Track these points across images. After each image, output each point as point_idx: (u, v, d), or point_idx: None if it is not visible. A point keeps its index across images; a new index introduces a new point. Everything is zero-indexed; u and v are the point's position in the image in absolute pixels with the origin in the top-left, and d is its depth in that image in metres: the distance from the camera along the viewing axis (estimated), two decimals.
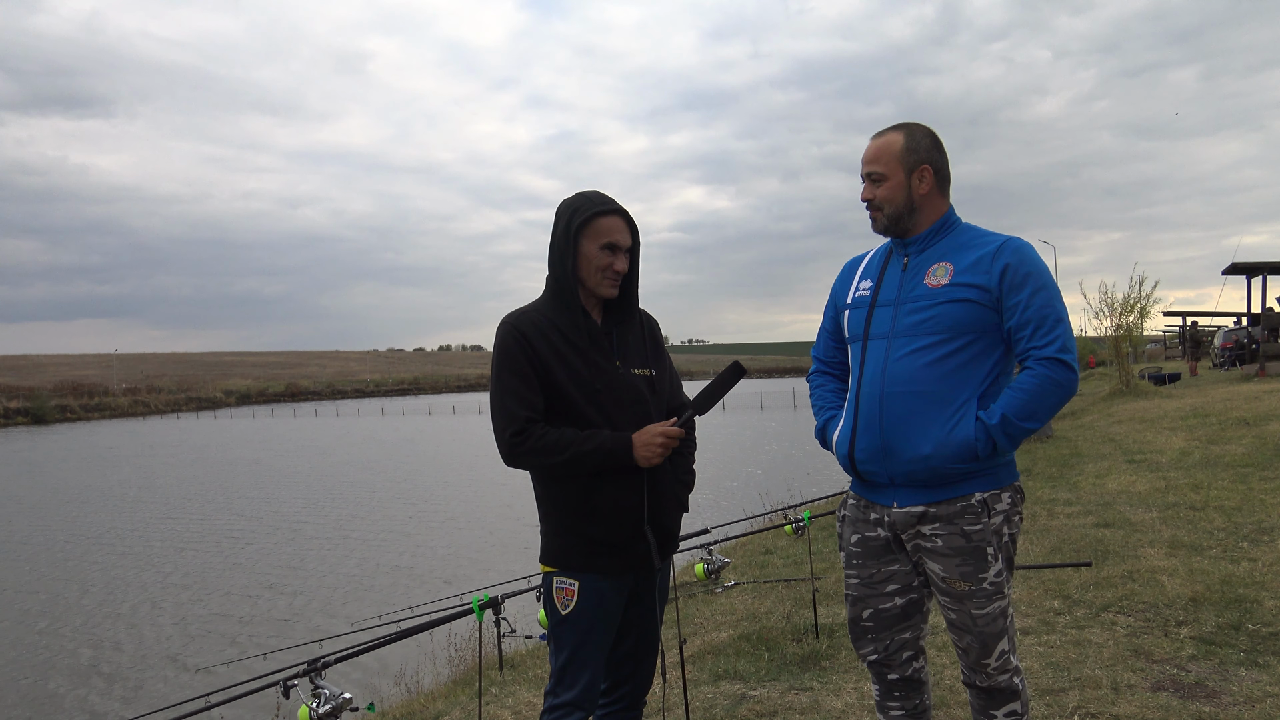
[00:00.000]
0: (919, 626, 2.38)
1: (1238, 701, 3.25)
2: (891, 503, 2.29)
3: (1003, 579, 2.22)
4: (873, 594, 2.36)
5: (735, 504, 16.21)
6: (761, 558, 7.34)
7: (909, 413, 2.22)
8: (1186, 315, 33.67)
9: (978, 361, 2.23)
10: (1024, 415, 2.15)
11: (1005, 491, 2.24)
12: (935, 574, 2.26)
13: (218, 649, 9.98)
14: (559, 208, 2.45)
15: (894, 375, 2.25)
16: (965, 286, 2.22)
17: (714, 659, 4.34)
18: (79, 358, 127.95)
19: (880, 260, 2.43)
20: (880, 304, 2.34)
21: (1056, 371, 2.14)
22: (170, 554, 15.58)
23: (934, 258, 2.30)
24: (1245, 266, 22.04)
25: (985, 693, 2.30)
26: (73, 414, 68.16)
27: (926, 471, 2.21)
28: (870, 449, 2.28)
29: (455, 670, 6.69)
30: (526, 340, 2.34)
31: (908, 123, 2.35)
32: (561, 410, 2.35)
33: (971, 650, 2.26)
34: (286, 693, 3.75)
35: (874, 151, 2.34)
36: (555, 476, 2.36)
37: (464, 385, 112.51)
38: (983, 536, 2.20)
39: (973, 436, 2.17)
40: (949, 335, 2.22)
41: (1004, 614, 2.24)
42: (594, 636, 2.34)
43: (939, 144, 2.34)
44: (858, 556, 2.38)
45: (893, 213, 2.32)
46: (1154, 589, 4.62)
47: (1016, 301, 2.18)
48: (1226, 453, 9.13)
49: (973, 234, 2.31)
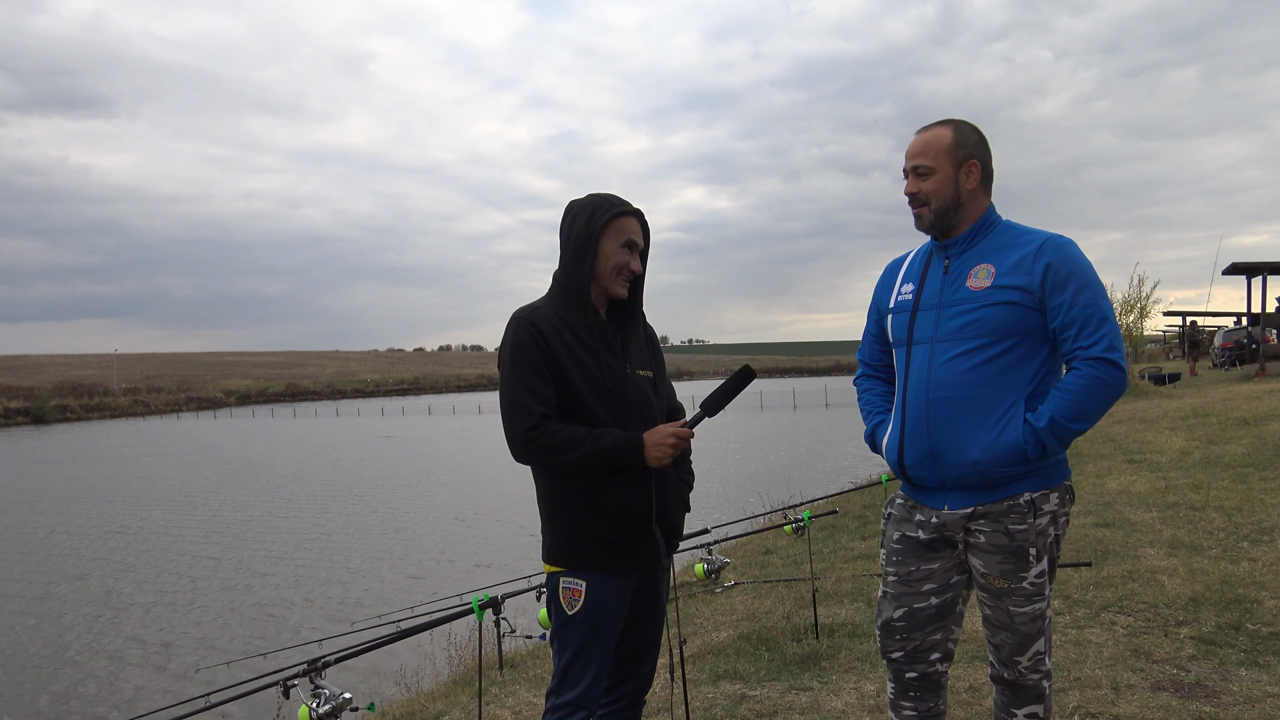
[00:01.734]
0: (951, 629, 2.37)
1: (1238, 701, 3.25)
2: (942, 506, 2.28)
3: (1044, 580, 2.21)
4: (909, 592, 2.35)
5: (735, 504, 16.20)
6: (761, 558, 7.34)
7: (956, 418, 2.21)
8: (1186, 315, 33.68)
9: (1023, 363, 2.21)
10: (1073, 416, 2.13)
11: (1054, 492, 2.23)
12: (976, 569, 2.26)
13: (218, 649, 9.98)
14: (573, 207, 2.44)
15: (939, 381, 2.24)
16: (1008, 289, 2.19)
17: (714, 659, 4.34)
18: (79, 358, 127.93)
19: (921, 262, 2.40)
20: (923, 308, 2.32)
21: (1104, 371, 2.12)
22: (170, 554, 15.57)
23: (975, 259, 2.27)
24: (1245, 266, 22.03)
25: (1011, 688, 2.29)
26: (73, 414, 68.11)
27: (975, 476, 2.20)
28: (919, 455, 2.28)
29: (455, 670, 6.69)
30: (541, 336, 2.32)
31: (954, 118, 2.33)
32: (571, 408, 2.34)
33: (1005, 646, 2.26)
34: (286, 693, 3.74)
35: (921, 145, 2.30)
36: (562, 475, 2.35)
37: (464, 385, 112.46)
38: (1026, 536, 2.19)
39: (1021, 440, 2.15)
40: (993, 338, 2.20)
41: (1042, 615, 2.23)
42: (599, 636, 2.34)
43: (985, 141, 2.32)
44: (898, 554, 2.37)
45: (939, 207, 2.28)
46: (1154, 589, 4.62)
47: (1060, 301, 2.16)
48: (1226, 453, 9.13)
49: (1014, 232, 2.28)
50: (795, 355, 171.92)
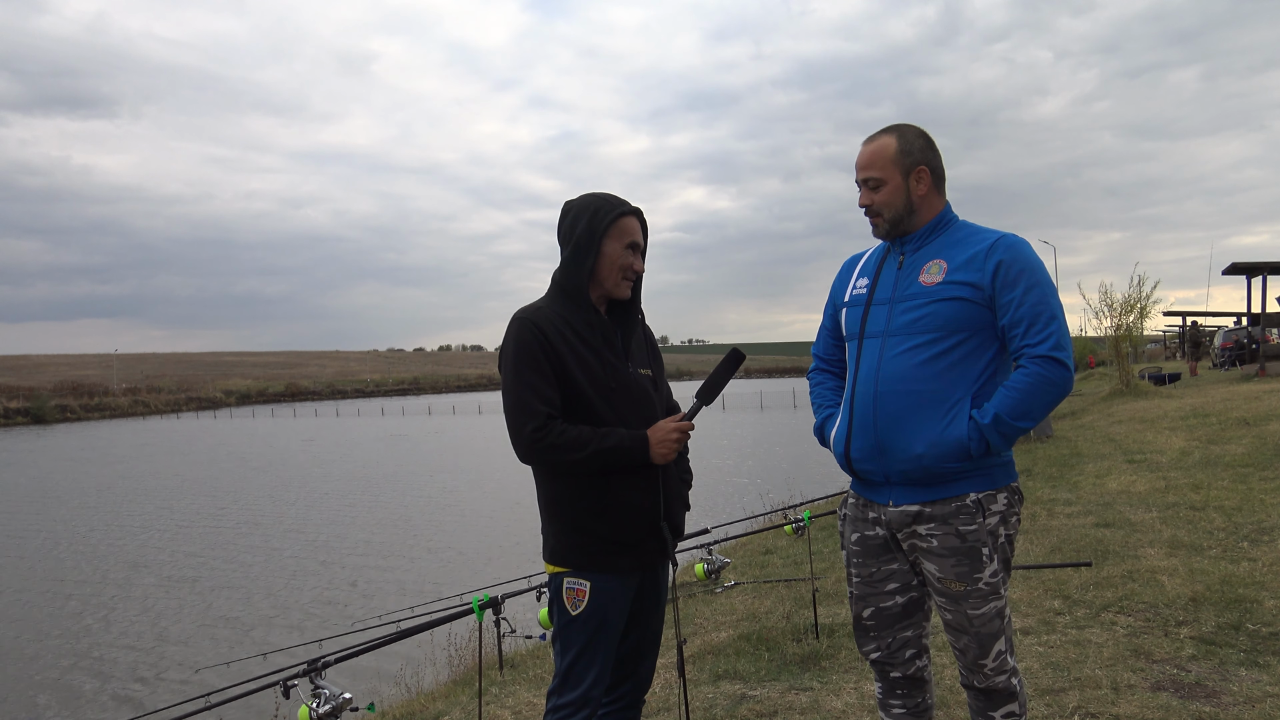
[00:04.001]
0: (921, 625, 2.38)
1: (1238, 701, 3.25)
2: (888, 501, 2.29)
3: (999, 580, 2.22)
4: (873, 592, 2.36)
5: (735, 504, 16.20)
6: (761, 558, 7.34)
7: (902, 412, 2.22)
8: (1186, 315, 33.67)
9: (971, 360, 2.22)
10: (1017, 414, 2.14)
11: (1001, 492, 2.24)
12: (931, 574, 2.26)
13: (218, 649, 9.98)
14: (571, 207, 2.43)
15: (888, 374, 2.25)
16: (958, 284, 2.21)
17: (714, 659, 4.34)
18: (79, 358, 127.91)
19: (878, 258, 2.43)
20: (876, 302, 2.34)
21: (1050, 370, 2.13)
22: (170, 553, 15.57)
23: (929, 255, 2.29)
24: (1245, 266, 22.02)
25: (983, 694, 2.29)
26: (73, 414, 68.14)
27: (920, 470, 2.21)
28: (865, 448, 2.29)
29: (455, 670, 6.69)
30: (545, 336, 2.31)
31: (898, 124, 2.35)
32: (576, 408, 2.34)
33: (969, 651, 2.26)
34: (286, 693, 3.74)
35: (868, 157, 2.32)
36: (566, 474, 2.34)
37: (464, 385, 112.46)
38: (977, 537, 2.19)
39: (965, 435, 2.16)
40: (942, 333, 2.22)
41: (1000, 614, 2.23)
42: (602, 636, 2.34)
43: (932, 143, 2.33)
44: (858, 555, 2.38)
45: (893, 216, 2.31)
46: (1154, 589, 4.62)
47: (1010, 299, 2.18)
48: (1226, 453, 9.13)
49: (968, 231, 2.31)
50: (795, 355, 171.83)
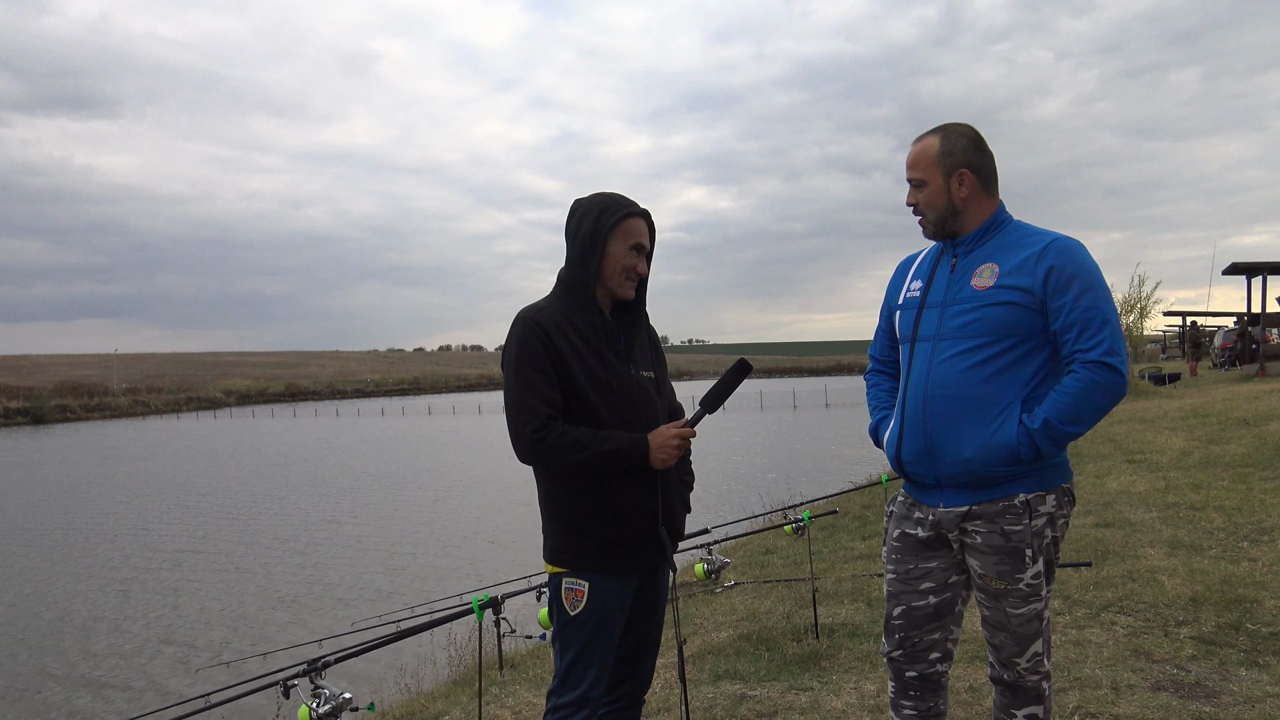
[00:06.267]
0: (949, 628, 2.37)
1: (1238, 701, 3.25)
2: (937, 503, 2.30)
3: (1040, 581, 2.21)
4: (907, 590, 2.36)
5: (735, 504, 16.19)
6: (761, 558, 7.34)
7: (952, 416, 2.22)
8: (1186, 315, 33.67)
9: (1022, 364, 2.21)
10: (1068, 419, 2.13)
11: (1050, 493, 2.23)
12: (974, 570, 2.27)
13: (218, 649, 9.98)
14: (579, 206, 2.43)
15: (938, 378, 2.25)
16: (1009, 289, 2.20)
17: (714, 659, 4.34)
18: (79, 358, 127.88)
19: (931, 260, 2.42)
20: (928, 305, 2.34)
21: (1102, 375, 2.12)
22: (170, 554, 15.57)
23: (981, 259, 2.28)
24: (1245, 266, 22.03)
25: (1011, 689, 2.30)
26: (73, 414, 68.07)
27: (969, 475, 2.21)
28: (916, 451, 2.29)
29: (455, 670, 6.69)
30: (548, 336, 2.31)
31: (947, 124, 2.33)
32: (576, 409, 2.33)
33: (1004, 648, 2.27)
34: (286, 693, 3.74)
35: (913, 157, 2.33)
36: (567, 475, 2.34)
37: (464, 385, 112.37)
38: (1022, 537, 2.19)
39: (1015, 440, 2.16)
40: (993, 338, 2.21)
41: (1039, 617, 2.24)
42: (601, 637, 2.34)
43: (979, 144, 2.31)
44: (897, 551, 2.39)
45: (936, 218, 2.31)
46: (1154, 589, 4.62)
47: (1062, 303, 2.16)
48: (1226, 453, 9.13)
49: (1021, 233, 2.28)
50: (795, 355, 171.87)
